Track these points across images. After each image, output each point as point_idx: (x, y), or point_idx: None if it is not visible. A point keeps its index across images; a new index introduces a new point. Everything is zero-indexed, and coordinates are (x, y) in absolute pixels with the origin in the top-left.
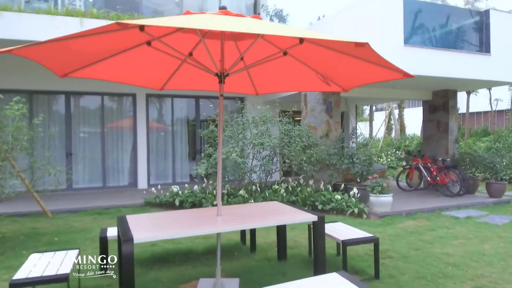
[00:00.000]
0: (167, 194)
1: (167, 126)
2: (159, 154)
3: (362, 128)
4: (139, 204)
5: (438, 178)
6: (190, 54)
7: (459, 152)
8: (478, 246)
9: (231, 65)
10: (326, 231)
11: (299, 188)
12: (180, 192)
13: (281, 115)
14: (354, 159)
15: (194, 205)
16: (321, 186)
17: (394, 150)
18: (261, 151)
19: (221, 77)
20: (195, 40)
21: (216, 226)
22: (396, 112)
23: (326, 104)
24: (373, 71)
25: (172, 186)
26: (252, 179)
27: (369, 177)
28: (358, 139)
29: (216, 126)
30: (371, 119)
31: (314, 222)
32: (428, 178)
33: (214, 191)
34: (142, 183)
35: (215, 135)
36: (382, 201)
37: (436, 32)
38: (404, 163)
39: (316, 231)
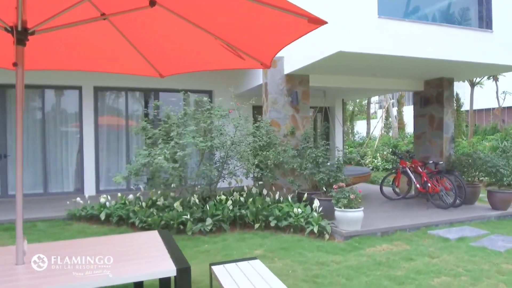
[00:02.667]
0: (98, 204)
1: (120, 124)
2: (111, 156)
3: (363, 127)
4: (62, 217)
5: (429, 185)
6: None
7: (456, 153)
8: None
9: (46, 20)
10: (221, 279)
11: (251, 199)
12: (108, 204)
13: (255, 111)
14: (320, 163)
15: (121, 220)
16: (287, 195)
17: (390, 150)
18: (215, 153)
19: (21, 35)
20: None
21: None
22: (395, 109)
23: (291, 96)
24: (285, 24)
25: (102, 196)
26: (198, 187)
27: (334, 186)
28: (355, 138)
29: (149, 122)
30: (368, 116)
31: (175, 278)
32: (417, 185)
33: (150, 201)
34: (89, 189)
35: (147, 132)
36: (349, 218)
37: (421, 0)
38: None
39: None
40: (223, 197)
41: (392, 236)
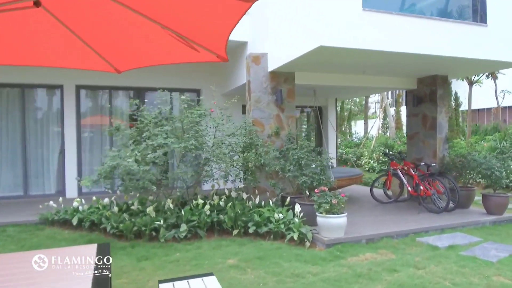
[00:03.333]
0: (71, 208)
1: (103, 124)
2: (94, 157)
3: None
4: (34, 222)
5: (421, 188)
6: None
7: (450, 154)
8: None
9: None
10: None
11: (230, 204)
12: (81, 208)
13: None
14: (303, 165)
15: (94, 225)
16: (270, 199)
17: (387, 151)
18: (198, 155)
19: None
20: None
21: None
22: (393, 109)
23: (275, 94)
24: (221, 10)
25: (76, 200)
26: (177, 190)
27: (316, 190)
28: (353, 139)
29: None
30: (366, 116)
31: None
32: (409, 188)
33: (125, 205)
34: (71, 191)
35: (122, 133)
36: (332, 224)
37: None
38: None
39: None
40: (200, 201)
41: (377, 244)
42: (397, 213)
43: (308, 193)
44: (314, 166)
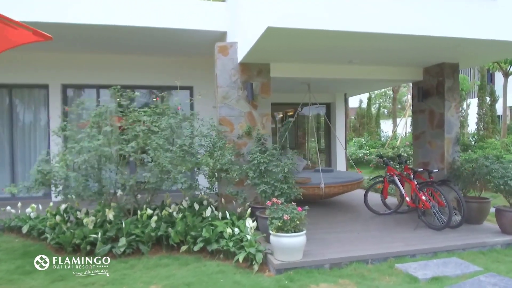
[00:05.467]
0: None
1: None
2: None
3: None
4: None
5: (419, 200)
6: None
7: (461, 158)
8: None
9: None
10: None
11: (180, 215)
12: (33, 215)
13: None
14: (263, 171)
15: (42, 234)
16: (238, 209)
17: (381, 153)
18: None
19: None
20: None
21: None
22: None
23: (246, 89)
24: None
25: (32, 206)
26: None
27: (268, 202)
28: (382, 138)
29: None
30: (394, 114)
31: None
32: (407, 198)
33: (78, 212)
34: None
35: (68, 135)
36: (284, 245)
37: None
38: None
39: None
40: (149, 211)
41: (343, 271)
42: (389, 227)
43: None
44: (275, 171)
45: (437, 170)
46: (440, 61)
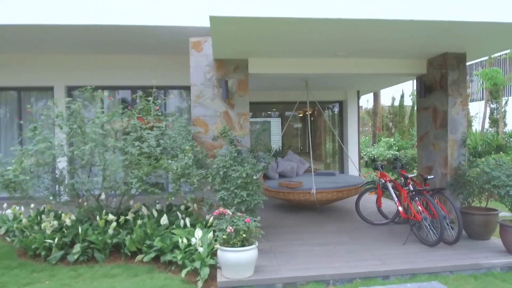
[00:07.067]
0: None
1: None
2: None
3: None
4: None
5: (410, 210)
6: None
7: (467, 162)
8: None
9: None
10: None
11: (139, 222)
12: (10, 217)
13: None
14: (222, 176)
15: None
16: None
17: (373, 157)
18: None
19: None
20: None
21: None
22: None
23: (221, 86)
24: None
25: (14, 207)
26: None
27: (215, 212)
28: (414, 138)
29: None
30: None
31: None
32: (399, 208)
33: (44, 216)
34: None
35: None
36: (229, 260)
37: None
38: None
39: None
40: (110, 217)
41: None
42: (377, 241)
43: (230, 213)
44: (235, 176)
45: (432, 176)
46: (443, 50)
